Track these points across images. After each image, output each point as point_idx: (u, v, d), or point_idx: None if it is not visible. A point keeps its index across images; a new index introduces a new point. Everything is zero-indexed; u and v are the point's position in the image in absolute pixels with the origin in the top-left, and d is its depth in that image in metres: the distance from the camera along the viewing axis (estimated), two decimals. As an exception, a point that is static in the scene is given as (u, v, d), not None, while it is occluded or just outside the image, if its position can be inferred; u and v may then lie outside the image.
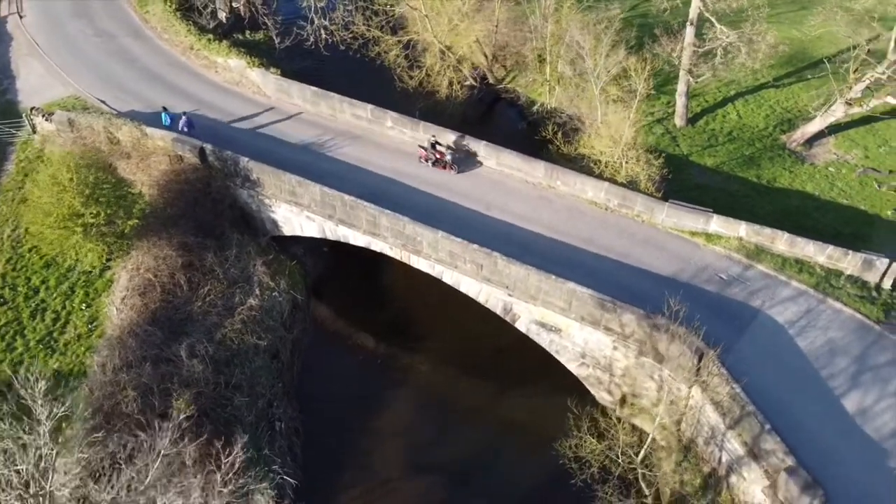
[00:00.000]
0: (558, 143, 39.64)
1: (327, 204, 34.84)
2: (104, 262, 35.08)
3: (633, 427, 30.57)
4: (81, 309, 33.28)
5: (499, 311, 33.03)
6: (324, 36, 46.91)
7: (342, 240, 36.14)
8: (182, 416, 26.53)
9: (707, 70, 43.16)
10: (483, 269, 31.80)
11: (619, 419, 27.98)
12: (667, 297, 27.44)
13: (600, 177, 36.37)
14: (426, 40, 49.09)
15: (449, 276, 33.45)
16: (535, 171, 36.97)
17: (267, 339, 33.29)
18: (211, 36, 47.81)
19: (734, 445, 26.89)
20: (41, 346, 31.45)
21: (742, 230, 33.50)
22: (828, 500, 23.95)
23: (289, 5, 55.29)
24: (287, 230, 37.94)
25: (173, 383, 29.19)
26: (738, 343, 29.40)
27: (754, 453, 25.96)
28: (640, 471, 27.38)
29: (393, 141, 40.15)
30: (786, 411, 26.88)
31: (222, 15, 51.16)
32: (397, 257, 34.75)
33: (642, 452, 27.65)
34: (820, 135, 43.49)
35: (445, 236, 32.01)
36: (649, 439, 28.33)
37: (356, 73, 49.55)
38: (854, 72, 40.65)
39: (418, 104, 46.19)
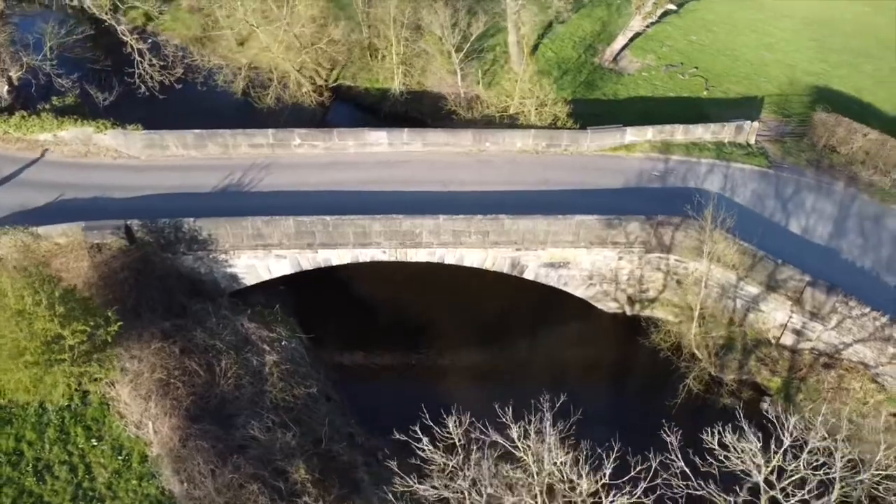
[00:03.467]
0: (458, 111, 42.10)
1: (304, 233, 33.27)
2: (75, 388, 29.45)
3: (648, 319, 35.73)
4: (94, 446, 27.90)
5: (506, 270, 35.17)
6: (157, 78, 42.53)
7: (322, 265, 34.78)
8: (307, 482, 25.04)
9: (529, 16, 48.56)
10: (490, 234, 33.59)
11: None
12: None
13: (521, 127, 39.86)
14: (261, 56, 47.23)
15: (451, 257, 34.54)
16: (462, 141, 39.12)
17: (314, 384, 31.41)
18: (6, 115, 40.49)
19: (748, 290, 33.12)
20: (79, 505, 26.07)
21: (649, 133, 39.84)
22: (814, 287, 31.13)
23: (73, 66, 47.84)
24: (250, 280, 35.19)
25: (276, 459, 26.70)
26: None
27: (771, 286, 32.40)
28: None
29: (306, 158, 38.99)
30: (763, 247, 33.50)
31: (4, 89, 43.10)
32: (390, 259, 34.69)
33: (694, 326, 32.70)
34: (621, 50, 51.88)
35: (447, 218, 33.06)
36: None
37: (205, 105, 45.92)
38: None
39: (281, 118, 44.85)
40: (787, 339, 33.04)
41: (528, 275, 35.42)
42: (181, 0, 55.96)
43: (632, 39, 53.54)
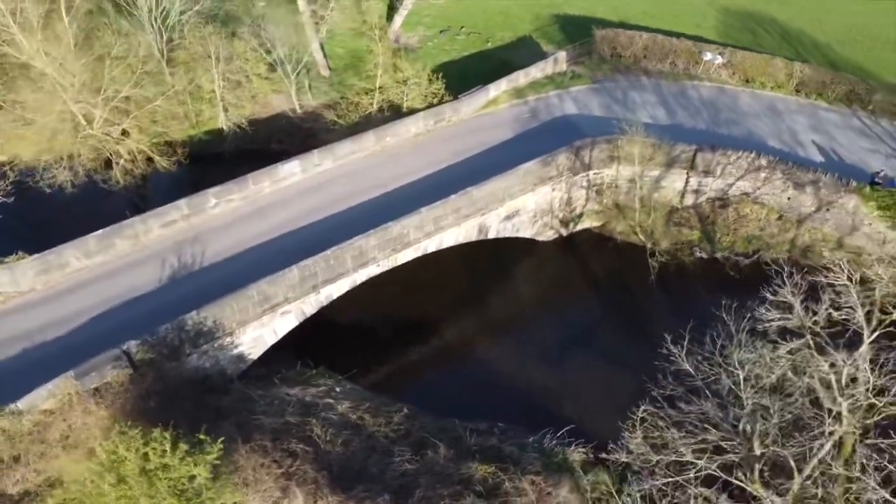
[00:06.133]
0: (336, 120, 42.37)
1: (308, 277, 31.96)
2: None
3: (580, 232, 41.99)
4: (262, 573, 24.88)
5: (475, 236, 37.88)
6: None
7: (325, 303, 33.63)
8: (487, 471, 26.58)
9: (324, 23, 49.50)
10: (461, 209, 35.92)
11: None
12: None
13: (408, 112, 41.89)
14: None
15: (434, 244, 36.10)
16: (366, 143, 39.92)
17: (395, 405, 31.30)
18: None
19: (652, 174, 40.74)
20: None
21: (503, 85, 45.02)
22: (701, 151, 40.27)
23: None
24: (256, 353, 32.59)
25: (454, 472, 27.11)
26: (587, 134, 42.01)
27: (668, 164, 40.40)
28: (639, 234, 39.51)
29: (228, 213, 36.39)
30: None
31: None
32: (382, 270, 34.94)
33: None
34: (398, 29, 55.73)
35: (429, 209, 34.54)
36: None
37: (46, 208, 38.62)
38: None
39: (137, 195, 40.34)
40: (689, 200, 41.70)
41: (491, 234, 38.60)
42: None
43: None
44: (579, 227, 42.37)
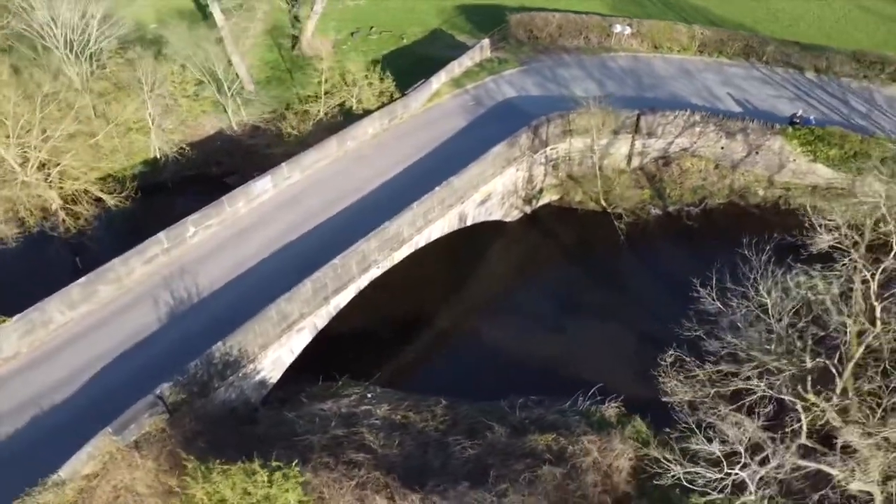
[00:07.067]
0: (290, 132, 41.50)
1: (319, 289, 31.44)
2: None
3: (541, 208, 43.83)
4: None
5: (456, 225, 38.56)
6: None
7: (333, 314, 33.16)
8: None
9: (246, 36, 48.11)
10: (445, 199, 36.52)
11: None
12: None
13: (360, 114, 41.74)
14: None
15: (423, 238, 36.44)
16: (330, 149, 39.47)
17: (432, 398, 31.62)
18: None
19: (602, 142, 43.13)
20: None
21: (443, 77, 45.86)
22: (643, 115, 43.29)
23: None
24: (276, 375, 31.68)
25: (518, 447, 27.88)
26: (531, 114, 43.63)
27: (616, 131, 42.95)
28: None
29: (209, 240, 34.96)
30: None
31: None
32: (381, 272, 34.90)
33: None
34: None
35: (419, 203, 34.86)
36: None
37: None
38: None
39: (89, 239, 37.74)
40: (636, 162, 44.56)
41: (469, 220, 39.44)
42: None
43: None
44: (541, 203, 44.09)
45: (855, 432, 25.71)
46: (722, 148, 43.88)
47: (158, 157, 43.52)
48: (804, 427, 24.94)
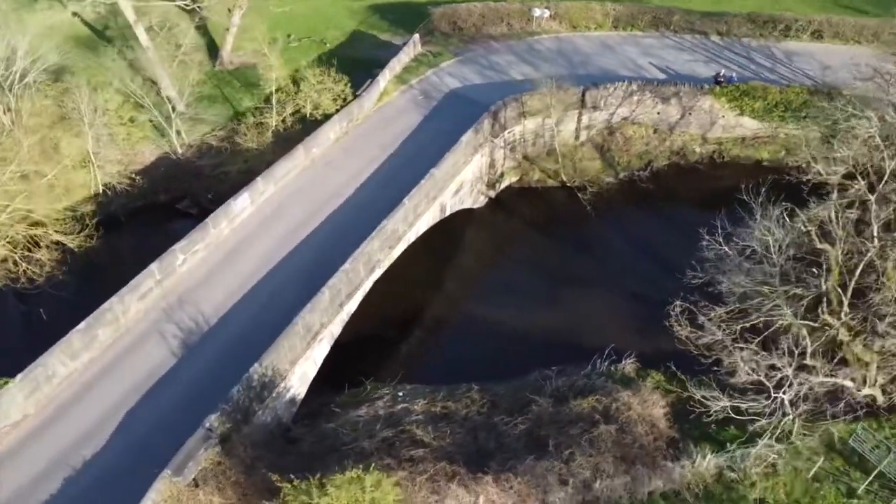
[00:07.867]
0: (248, 146, 40.23)
1: (335, 296, 30.97)
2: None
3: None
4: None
5: (438, 216, 38.93)
6: None
7: (346, 319, 32.65)
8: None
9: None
10: (430, 192, 36.84)
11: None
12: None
13: (320, 120, 41.14)
14: None
15: (413, 233, 36.56)
16: (298, 159, 38.66)
17: (464, 386, 32.02)
18: None
19: (550, 121, 44.85)
20: None
21: (387, 75, 45.94)
22: (587, 90, 45.50)
23: None
24: (302, 390, 30.88)
25: (564, 419, 28.93)
26: (478, 102, 44.56)
27: (566, 109, 44.76)
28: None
29: (197, 271, 33.33)
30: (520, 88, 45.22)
31: None
32: (385, 267, 34.68)
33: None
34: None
35: (409, 198, 34.97)
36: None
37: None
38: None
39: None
40: (584, 136, 46.66)
41: (447, 211, 39.91)
42: None
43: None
44: (503, 186, 45.25)
45: (859, 345, 28.81)
46: (658, 113, 46.82)
47: (102, 191, 40.83)
48: (809, 348, 27.47)
